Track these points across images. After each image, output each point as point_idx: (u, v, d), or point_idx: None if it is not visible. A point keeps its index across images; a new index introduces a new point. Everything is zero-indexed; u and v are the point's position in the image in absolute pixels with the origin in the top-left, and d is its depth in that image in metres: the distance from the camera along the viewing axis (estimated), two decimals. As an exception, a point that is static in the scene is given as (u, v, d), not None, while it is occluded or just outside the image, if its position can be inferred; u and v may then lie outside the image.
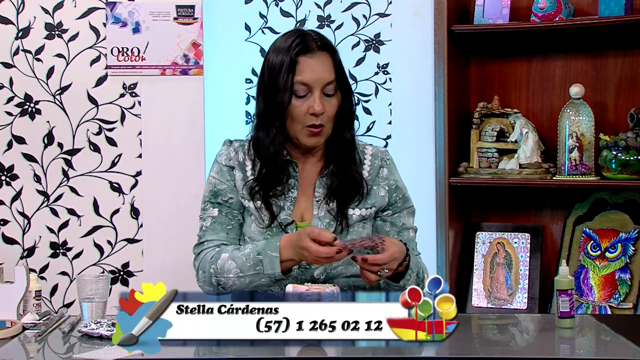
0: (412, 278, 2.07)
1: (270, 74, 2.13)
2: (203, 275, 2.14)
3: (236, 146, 2.23)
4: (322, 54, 2.12)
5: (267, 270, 2.04)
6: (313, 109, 2.08)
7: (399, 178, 2.26)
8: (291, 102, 2.09)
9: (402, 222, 2.22)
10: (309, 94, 2.10)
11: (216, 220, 2.19)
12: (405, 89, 3.27)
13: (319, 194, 2.17)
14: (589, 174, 2.96)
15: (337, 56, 2.16)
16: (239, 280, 2.07)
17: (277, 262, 2.03)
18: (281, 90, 2.09)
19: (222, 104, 3.26)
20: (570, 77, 3.12)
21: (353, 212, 2.17)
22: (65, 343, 1.87)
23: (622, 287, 2.92)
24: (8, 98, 3.11)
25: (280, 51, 2.12)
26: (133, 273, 3.16)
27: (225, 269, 2.08)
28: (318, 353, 1.73)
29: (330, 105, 2.12)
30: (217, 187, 2.20)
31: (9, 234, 3.13)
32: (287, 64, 2.09)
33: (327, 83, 2.11)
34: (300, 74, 2.09)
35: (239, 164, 2.20)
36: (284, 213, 2.15)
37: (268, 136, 2.14)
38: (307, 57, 2.10)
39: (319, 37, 2.15)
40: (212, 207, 2.19)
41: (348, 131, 2.19)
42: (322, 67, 2.11)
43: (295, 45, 2.10)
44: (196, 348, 1.80)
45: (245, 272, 2.06)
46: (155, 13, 3.13)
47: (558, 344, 1.87)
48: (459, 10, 3.17)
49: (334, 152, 2.18)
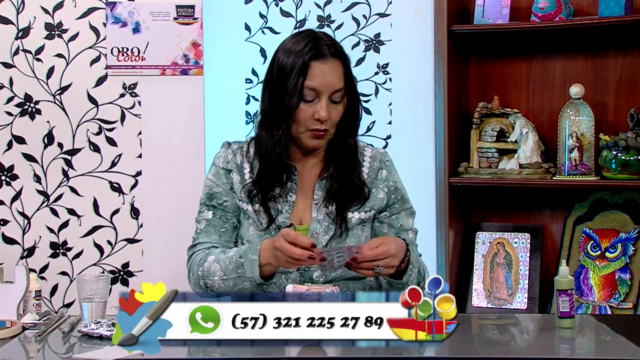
0: (414, 274, 2.07)
1: (280, 74, 2.10)
2: (193, 277, 2.14)
3: (234, 148, 2.22)
4: (334, 61, 2.10)
5: (247, 273, 2.02)
6: (319, 115, 2.07)
7: (398, 179, 2.25)
8: (299, 106, 2.08)
9: (400, 224, 2.21)
10: (316, 99, 2.08)
11: (210, 223, 2.18)
12: (405, 89, 3.27)
13: (318, 196, 2.17)
14: (589, 174, 2.96)
15: (348, 63, 2.14)
16: (223, 283, 2.06)
17: (256, 266, 2.01)
18: (289, 93, 2.07)
19: (222, 104, 3.26)
20: (570, 77, 3.12)
21: (352, 215, 2.16)
22: (65, 343, 1.87)
23: (622, 287, 2.92)
24: (8, 98, 3.11)
25: (292, 53, 2.09)
26: (133, 273, 3.16)
27: (210, 271, 2.08)
28: (318, 353, 1.73)
29: (335, 111, 2.11)
30: (213, 189, 2.19)
31: (9, 234, 3.13)
32: (299, 67, 2.06)
33: (335, 90, 2.09)
34: (311, 79, 2.07)
35: (237, 166, 2.19)
36: (282, 216, 2.14)
37: (272, 137, 2.13)
38: (319, 63, 2.08)
39: (332, 43, 2.13)
40: (207, 210, 2.19)
41: (351, 137, 2.18)
42: (332, 74, 2.09)
43: (308, 49, 2.08)
44: (196, 348, 1.80)
45: (228, 275, 2.05)
46: (155, 13, 3.13)
47: (558, 344, 1.87)
48: (459, 10, 3.17)
49: (335, 156, 2.17)
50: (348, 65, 2.14)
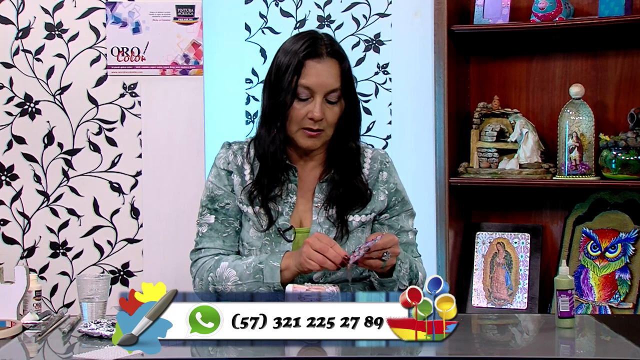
0: (404, 270, 2.06)
1: (277, 73, 2.11)
2: (200, 282, 2.14)
3: (235, 149, 2.21)
4: (330, 60, 2.09)
5: (266, 279, 2.03)
6: (312, 114, 2.06)
7: (398, 181, 2.24)
8: (292, 104, 2.08)
9: (400, 225, 2.21)
10: (311, 98, 2.08)
11: (212, 227, 2.18)
12: (405, 89, 3.27)
13: (319, 199, 2.16)
14: (589, 174, 2.96)
15: (346, 64, 2.12)
16: (236, 288, 2.06)
17: (277, 272, 2.02)
18: (284, 91, 2.07)
19: (222, 104, 3.26)
20: (570, 77, 3.12)
21: (353, 218, 2.15)
22: (65, 343, 1.87)
23: (622, 287, 2.92)
24: (8, 98, 3.11)
25: (289, 52, 2.10)
26: (133, 273, 3.16)
27: (224, 277, 2.08)
28: (318, 353, 1.73)
29: (331, 112, 2.10)
30: (214, 192, 2.19)
31: (9, 234, 3.13)
32: (294, 65, 2.07)
33: (330, 90, 2.08)
34: (305, 78, 2.07)
35: (237, 167, 2.18)
36: (282, 218, 2.14)
37: (269, 135, 2.13)
38: (315, 62, 2.08)
39: (330, 43, 2.12)
40: (209, 214, 2.18)
41: (353, 141, 2.17)
42: (327, 73, 2.08)
43: (304, 48, 2.08)
44: (196, 348, 1.80)
45: (244, 280, 2.06)
46: (155, 13, 3.13)
47: (558, 344, 1.87)
48: (459, 10, 3.17)
49: (336, 160, 2.16)
50: (346, 66, 2.12)
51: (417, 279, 2.13)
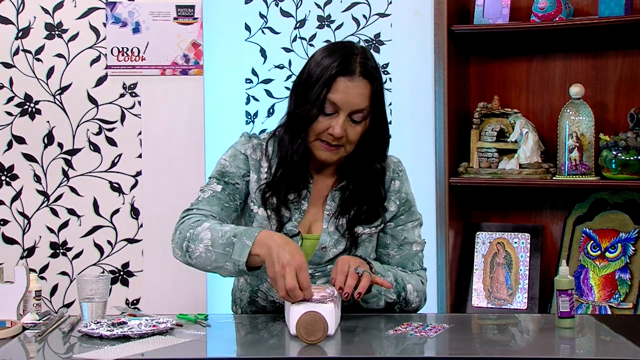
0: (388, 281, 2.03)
1: (307, 81, 2.07)
2: (178, 236, 2.04)
3: (255, 143, 2.17)
4: (361, 81, 2.05)
5: (234, 255, 1.91)
6: (333, 130, 2.03)
7: (409, 190, 2.22)
8: (317, 118, 2.05)
9: (404, 236, 2.18)
10: (335, 114, 2.04)
11: (216, 194, 2.11)
12: (405, 89, 3.27)
13: (330, 207, 2.14)
14: (589, 174, 2.96)
15: (378, 85, 2.09)
16: (205, 253, 1.96)
17: (246, 252, 1.90)
18: (311, 103, 2.04)
19: (222, 104, 3.27)
20: (570, 77, 3.12)
21: (363, 230, 2.14)
22: (65, 343, 1.86)
23: (622, 287, 2.92)
24: (8, 98, 3.11)
25: (323, 63, 2.06)
26: (133, 273, 3.16)
27: (199, 237, 1.98)
28: (318, 353, 1.73)
29: (353, 131, 2.07)
30: (226, 169, 2.14)
31: (9, 234, 3.13)
32: (325, 79, 2.03)
33: (356, 110, 2.05)
34: (334, 93, 2.03)
35: (255, 162, 2.15)
36: (291, 224, 2.11)
37: (292, 143, 2.09)
38: (346, 79, 2.04)
39: (365, 62, 2.08)
40: (217, 183, 2.13)
41: (378, 163, 2.15)
42: (356, 93, 2.04)
43: (337, 63, 2.04)
44: (196, 348, 1.80)
45: (215, 248, 1.94)
46: (155, 13, 3.13)
47: (558, 344, 1.87)
48: (459, 10, 3.17)
49: (353, 173, 2.14)
50: (378, 87, 2.09)
51: (405, 292, 2.11)
